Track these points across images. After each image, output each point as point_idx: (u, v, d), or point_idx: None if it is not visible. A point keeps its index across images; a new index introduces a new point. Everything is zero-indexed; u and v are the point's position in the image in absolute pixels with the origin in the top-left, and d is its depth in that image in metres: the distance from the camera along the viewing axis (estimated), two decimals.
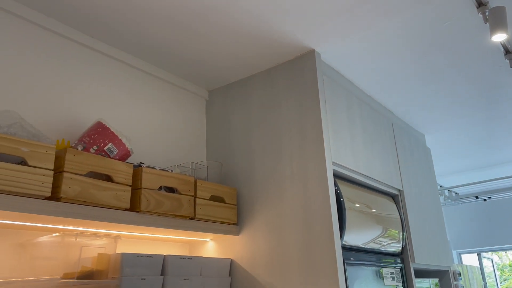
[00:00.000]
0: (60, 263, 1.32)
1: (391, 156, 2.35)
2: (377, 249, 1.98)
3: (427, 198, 2.65)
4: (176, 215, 1.61)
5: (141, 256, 1.48)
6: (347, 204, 1.81)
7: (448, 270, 2.64)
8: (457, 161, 3.82)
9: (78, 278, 1.30)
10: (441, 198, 4.53)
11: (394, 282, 2.02)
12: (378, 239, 1.98)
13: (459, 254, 4.96)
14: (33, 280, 1.20)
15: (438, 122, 2.83)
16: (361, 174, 2.02)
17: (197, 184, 1.75)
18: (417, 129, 2.96)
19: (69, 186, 1.28)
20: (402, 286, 2.09)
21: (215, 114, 2.23)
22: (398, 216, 2.22)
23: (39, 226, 1.37)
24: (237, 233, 1.90)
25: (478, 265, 4.88)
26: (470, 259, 5.03)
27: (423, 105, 2.56)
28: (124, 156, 1.54)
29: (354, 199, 1.90)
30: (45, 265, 1.35)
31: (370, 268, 1.88)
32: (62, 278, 1.27)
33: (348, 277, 1.68)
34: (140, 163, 1.63)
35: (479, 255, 4.98)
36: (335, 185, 1.82)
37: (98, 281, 1.32)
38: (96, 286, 1.32)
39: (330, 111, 1.89)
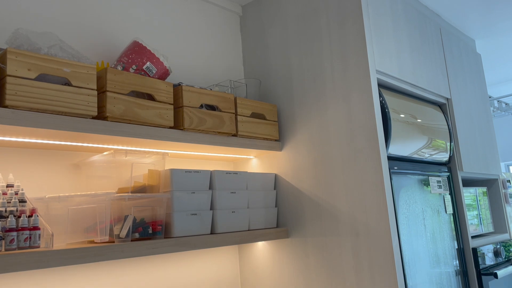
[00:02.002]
0: (113, 180, 1.38)
1: (438, 63, 2.22)
2: (423, 159, 1.95)
3: (476, 106, 2.53)
4: (218, 132, 1.63)
5: (189, 172, 1.52)
6: (392, 115, 1.76)
7: (497, 179, 2.58)
8: (508, 69, 3.57)
9: (132, 192, 1.36)
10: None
11: (441, 190, 2.00)
12: (424, 149, 1.93)
13: (507, 166, 4.84)
14: (91, 194, 1.28)
15: (490, 25, 2.60)
16: (406, 82, 1.92)
17: (237, 101, 1.74)
18: (467, 34, 2.75)
19: (113, 105, 1.30)
20: (449, 194, 2.07)
21: (250, 29, 2.15)
22: (446, 126, 2.15)
23: (89, 147, 1.43)
24: (279, 148, 1.91)
25: None
26: None
27: (474, 6, 2.34)
28: (163, 75, 1.53)
29: (399, 109, 1.83)
30: (100, 183, 1.42)
31: (416, 177, 1.86)
32: (117, 193, 1.34)
33: (394, 186, 1.68)
34: (179, 82, 1.62)
35: None
36: (380, 95, 1.75)
37: (151, 194, 1.39)
38: (149, 199, 1.39)
39: (373, 17, 1.76)
